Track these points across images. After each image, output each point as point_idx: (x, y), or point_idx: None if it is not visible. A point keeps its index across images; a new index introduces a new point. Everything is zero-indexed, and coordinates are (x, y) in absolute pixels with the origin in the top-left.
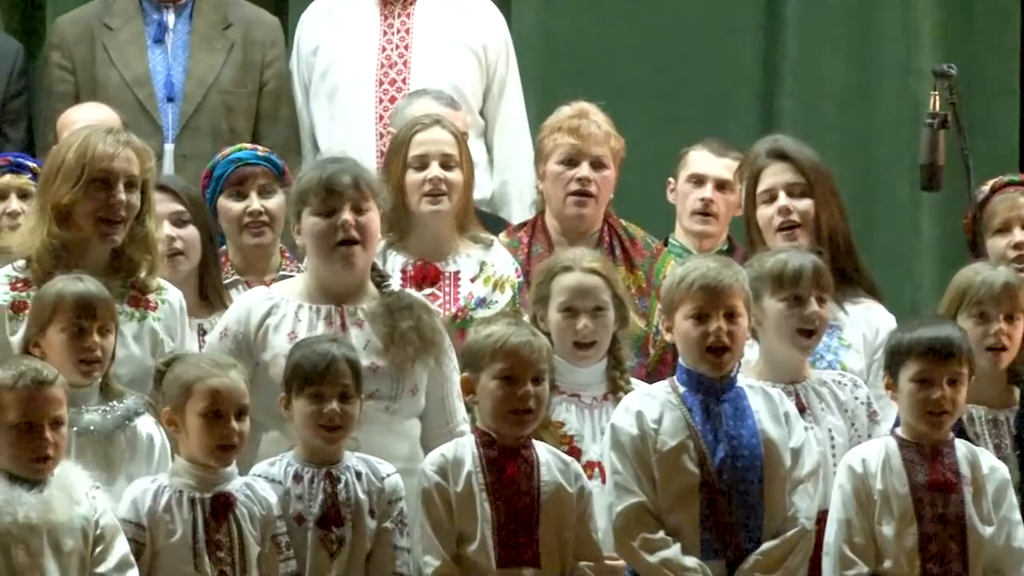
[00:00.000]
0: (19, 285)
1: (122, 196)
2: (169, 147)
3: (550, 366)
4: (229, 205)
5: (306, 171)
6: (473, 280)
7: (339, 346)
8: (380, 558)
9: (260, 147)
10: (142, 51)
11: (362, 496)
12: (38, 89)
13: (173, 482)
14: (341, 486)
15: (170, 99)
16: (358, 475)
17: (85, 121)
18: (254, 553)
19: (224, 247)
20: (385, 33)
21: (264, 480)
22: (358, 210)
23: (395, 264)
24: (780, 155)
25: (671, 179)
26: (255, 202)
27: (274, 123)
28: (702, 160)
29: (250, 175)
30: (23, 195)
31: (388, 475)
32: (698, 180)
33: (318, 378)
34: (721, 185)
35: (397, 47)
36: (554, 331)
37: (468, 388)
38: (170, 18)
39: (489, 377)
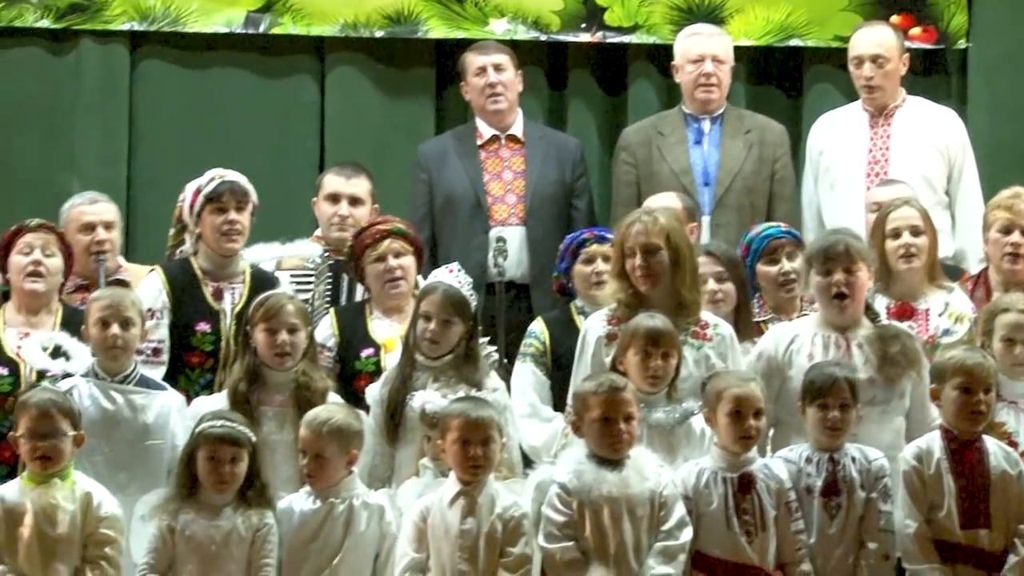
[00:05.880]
0: (613, 321)
1: (659, 258)
2: (706, 219)
3: (996, 381)
4: (767, 270)
5: (815, 240)
6: (940, 315)
7: (841, 368)
8: (868, 520)
9: (782, 224)
10: (685, 150)
11: (855, 475)
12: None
13: (711, 465)
14: (840, 467)
15: (706, 184)
16: (853, 459)
17: (658, 202)
18: (771, 516)
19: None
20: (871, 139)
21: (782, 461)
22: (848, 271)
23: (882, 303)
24: None
25: None
26: (787, 265)
27: (782, 202)
28: None
29: (779, 246)
30: (606, 259)
31: (875, 459)
32: None
33: (825, 392)
34: None
35: (880, 148)
36: (997, 355)
37: (935, 396)
38: (706, 125)
39: (951, 388)
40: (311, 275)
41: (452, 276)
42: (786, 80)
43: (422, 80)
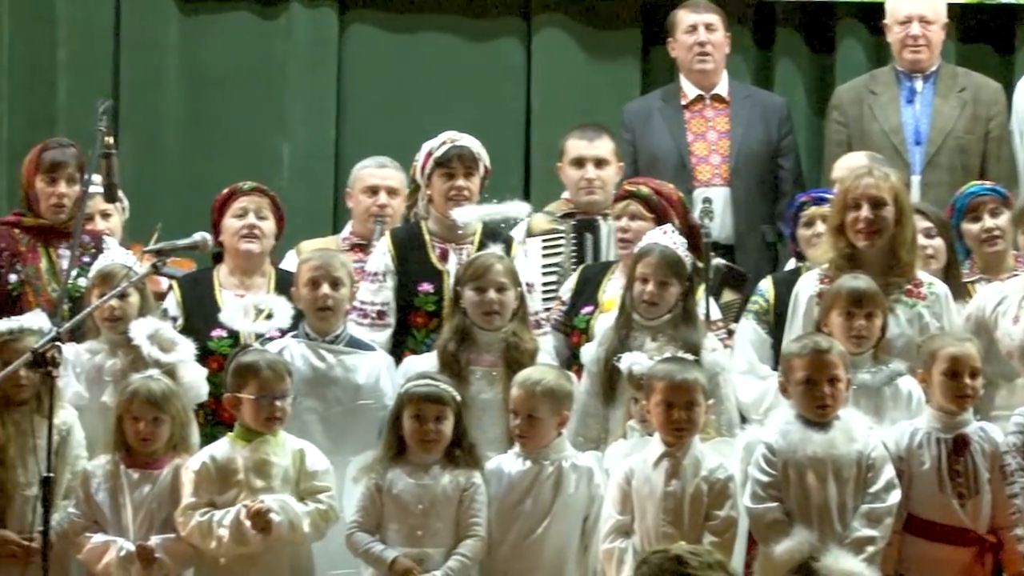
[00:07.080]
0: (825, 281)
1: (885, 213)
2: (916, 178)
3: None
4: (970, 227)
5: (1019, 199)
6: None
7: None
8: None
9: (987, 182)
10: (897, 109)
11: None
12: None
13: (925, 426)
14: None
15: (917, 143)
16: None
17: (846, 164)
18: (985, 479)
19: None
20: None
21: (1021, 419)
22: None
23: None
24: None
25: None
26: (989, 221)
27: (997, 162)
28: None
29: (981, 203)
30: (825, 220)
31: None
32: None
33: None
34: None
35: None
36: None
37: None
38: (919, 84)
39: None
40: (561, 238)
41: (667, 237)
42: (997, 37)
43: (628, 40)
